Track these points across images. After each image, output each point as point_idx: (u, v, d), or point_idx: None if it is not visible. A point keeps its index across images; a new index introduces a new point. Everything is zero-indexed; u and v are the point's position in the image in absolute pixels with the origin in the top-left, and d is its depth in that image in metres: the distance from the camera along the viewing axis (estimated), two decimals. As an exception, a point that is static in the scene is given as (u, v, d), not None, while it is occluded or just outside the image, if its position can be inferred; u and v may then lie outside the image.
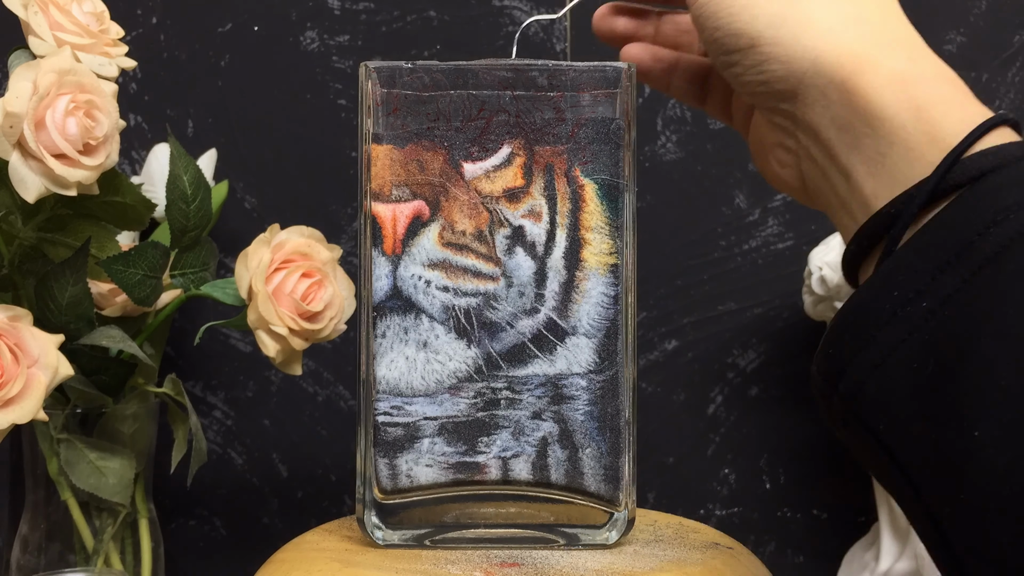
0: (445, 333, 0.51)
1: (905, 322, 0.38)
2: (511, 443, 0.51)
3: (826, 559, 0.79)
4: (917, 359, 0.38)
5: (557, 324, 0.51)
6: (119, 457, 0.63)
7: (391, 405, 0.51)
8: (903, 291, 0.38)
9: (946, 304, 0.37)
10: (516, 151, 0.51)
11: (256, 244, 0.61)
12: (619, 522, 0.51)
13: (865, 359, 0.39)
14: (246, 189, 0.80)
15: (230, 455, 0.81)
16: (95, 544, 0.64)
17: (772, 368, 0.79)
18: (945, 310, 0.37)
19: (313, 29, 0.80)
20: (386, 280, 0.51)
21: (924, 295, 0.38)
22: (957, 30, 0.78)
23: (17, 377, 0.55)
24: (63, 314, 0.60)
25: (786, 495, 0.80)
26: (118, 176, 0.61)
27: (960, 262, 0.37)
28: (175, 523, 0.81)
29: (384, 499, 0.51)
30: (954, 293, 0.37)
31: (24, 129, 0.55)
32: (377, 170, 0.51)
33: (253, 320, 0.60)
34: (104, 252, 0.61)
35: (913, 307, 0.38)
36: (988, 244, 0.37)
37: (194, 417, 0.65)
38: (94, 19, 0.60)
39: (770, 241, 0.79)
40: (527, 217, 0.51)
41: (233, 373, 0.81)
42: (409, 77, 0.51)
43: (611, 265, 0.51)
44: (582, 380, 0.51)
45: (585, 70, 0.51)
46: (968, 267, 0.37)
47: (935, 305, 0.37)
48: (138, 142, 0.80)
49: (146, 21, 0.80)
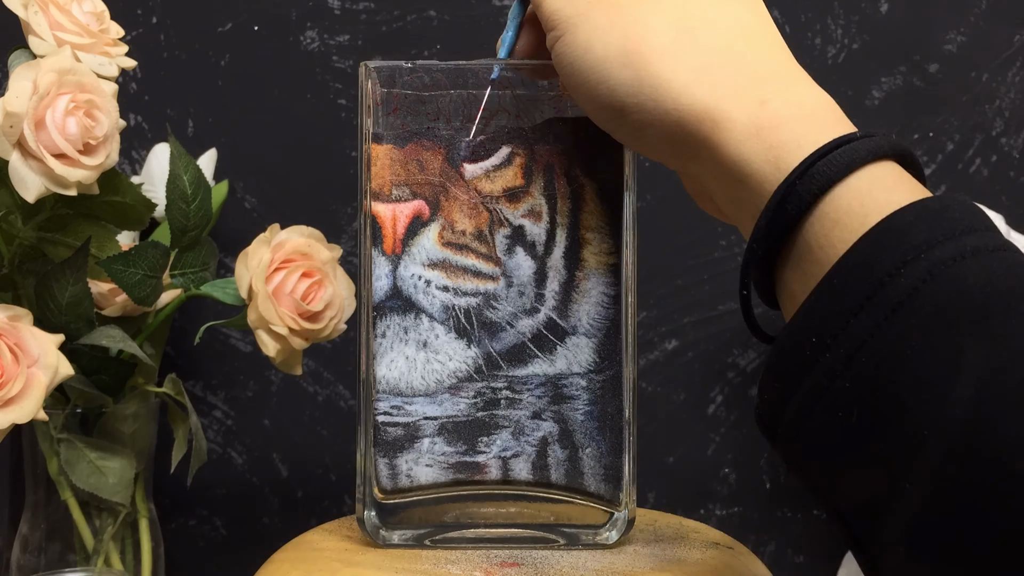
0: (445, 333, 0.51)
1: (826, 369, 0.37)
2: (511, 443, 0.51)
3: (826, 559, 0.79)
4: (841, 408, 0.36)
5: (557, 324, 0.51)
6: (119, 457, 0.63)
7: (391, 405, 0.51)
8: (820, 336, 0.37)
9: (861, 349, 0.36)
10: (516, 151, 0.51)
11: (256, 244, 0.61)
12: (619, 522, 0.51)
13: (794, 408, 0.38)
14: (246, 189, 0.80)
15: (230, 455, 0.81)
16: (95, 544, 0.64)
17: (772, 368, 0.79)
18: (862, 356, 0.36)
19: (313, 29, 0.80)
20: (386, 280, 0.51)
21: (840, 340, 0.36)
22: (957, 30, 0.78)
23: (17, 377, 0.55)
24: (63, 314, 0.60)
25: (786, 495, 0.80)
26: (118, 176, 0.61)
27: (872, 304, 0.36)
28: (175, 523, 0.81)
29: (384, 499, 0.51)
30: (869, 338, 0.36)
31: (24, 129, 0.55)
32: (377, 170, 0.51)
33: (253, 320, 0.60)
34: (104, 252, 0.61)
35: (832, 353, 0.36)
36: (899, 285, 0.35)
37: (194, 417, 0.65)
38: (94, 19, 0.60)
39: (770, 241, 0.79)
40: (527, 217, 0.51)
41: (233, 373, 0.81)
42: (409, 77, 0.51)
43: (611, 265, 0.51)
44: (582, 380, 0.51)
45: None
46: (880, 310, 0.36)
47: (851, 351, 0.36)
48: (138, 142, 0.80)
49: (146, 21, 0.80)
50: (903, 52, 0.79)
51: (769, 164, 0.40)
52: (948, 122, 0.79)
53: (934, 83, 0.79)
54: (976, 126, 0.79)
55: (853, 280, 0.37)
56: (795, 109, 0.41)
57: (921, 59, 0.79)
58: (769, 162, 0.40)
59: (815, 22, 0.79)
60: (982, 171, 0.79)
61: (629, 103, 0.43)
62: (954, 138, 0.79)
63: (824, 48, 0.79)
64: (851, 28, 0.79)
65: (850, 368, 0.36)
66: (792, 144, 0.40)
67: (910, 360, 0.35)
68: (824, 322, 0.37)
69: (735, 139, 0.41)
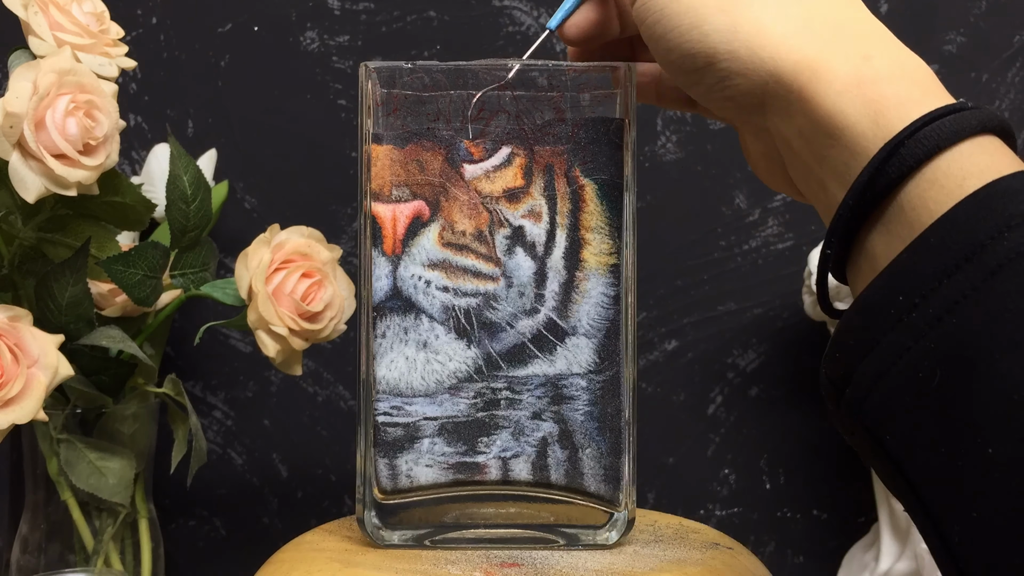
0: (445, 333, 0.51)
1: (910, 328, 0.36)
2: (511, 443, 0.51)
3: (826, 559, 0.79)
4: (923, 368, 0.35)
5: (557, 324, 0.51)
6: (119, 457, 0.63)
7: (391, 405, 0.51)
8: (908, 295, 0.36)
9: (953, 310, 0.35)
10: (516, 151, 0.51)
11: (256, 244, 0.61)
12: (619, 522, 0.51)
13: (869, 367, 0.37)
14: (246, 189, 0.80)
15: (230, 455, 0.81)
16: (95, 544, 0.64)
17: (772, 368, 0.79)
18: (953, 317, 0.35)
19: (313, 29, 0.80)
20: (386, 280, 0.51)
21: (930, 300, 0.35)
22: (957, 30, 0.78)
23: (17, 377, 0.55)
24: (63, 314, 0.60)
25: (786, 495, 0.80)
26: (118, 176, 0.61)
27: (969, 266, 0.35)
28: (175, 523, 0.81)
29: (384, 499, 0.51)
30: (962, 299, 0.35)
31: (24, 129, 0.55)
32: (377, 170, 0.51)
33: (253, 320, 0.60)
34: (104, 252, 0.61)
35: (918, 312, 0.36)
36: (1001, 248, 0.35)
37: (194, 417, 0.65)
38: (94, 19, 0.60)
39: (770, 241, 0.79)
40: (527, 217, 0.51)
41: (233, 373, 0.81)
42: (409, 77, 0.51)
43: (611, 265, 0.51)
44: (582, 380, 0.51)
45: (585, 70, 0.51)
46: (979, 272, 0.35)
47: (941, 311, 0.35)
48: (138, 142, 0.80)
49: (146, 21, 0.80)
50: (903, 52, 0.79)
51: (868, 119, 0.39)
52: (948, 122, 0.79)
53: (934, 83, 0.79)
54: (976, 126, 0.79)
55: (952, 240, 0.36)
56: (898, 69, 0.40)
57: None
58: (868, 116, 0.39)
59: (815, 22, 0.79)
60: (982, 171, 0.79)
61: (722, 49, 0.42)
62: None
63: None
64: (851, 28, 0.79)
65: (937, 328, 0.35)
66: (893, 100, 0.39)
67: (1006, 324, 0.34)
68: (915, 280, 0.36)
69: (834, 91, 0.40)
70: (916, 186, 0.38)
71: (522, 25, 0.79)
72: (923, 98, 0.39)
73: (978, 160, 0.37)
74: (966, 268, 0.35)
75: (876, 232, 0.39)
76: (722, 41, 0.42)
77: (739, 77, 0.42)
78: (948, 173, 0.37)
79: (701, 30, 0.43)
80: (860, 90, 0.39)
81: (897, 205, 0.38)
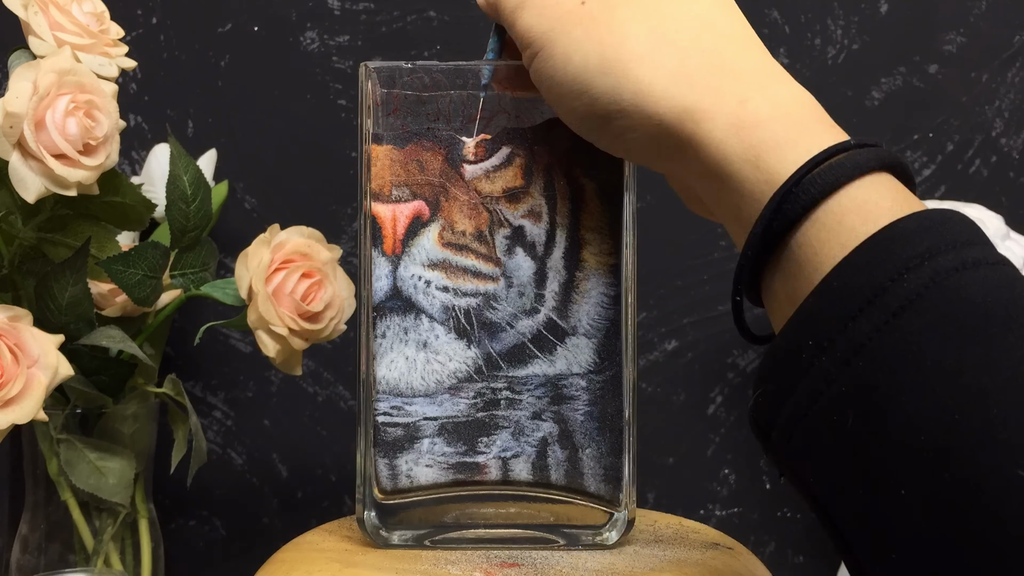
0: (445, 333, 0.51)
1: (822, 372, 0.36)
2: (511, 443, 0.51)
3: (826, 559, 0.79)
4: (836, 412, 0.36)
5: (557, 324, 0.51)
6: (119, 457, 0.63)
7: (391, 405, 0.51)
8: (817, 339, 0.37)
9: (860, 352, 0.36)
10: (516, 151, 0.51)
11: (256, 244, 0.61)
12: (619, 522, 0.51)
13: (789, 411, 0.38)
14: (246, 189, 0.80)
15: (230, 455, 0.81)
16: (95, 544, 0.64)
17: (772, 368, 0.79)
18: (859, 360, 0.36)
19: (313, 29, 0.80)
20: (386, 280, 0.51)
21: (837, 343, 0.36)
22: (957, 30, 0.78)
23: (17, 377, 0.55)
24: (63, 314, 0.60)
25: (786, 495, 0.80)
26: (118, 176, 0.61)
27: (872, 308, 0.36)
28: (175, 523, 0.81)
29: (384, 499, 0.51)
30: (867, 342, 0.35)
31: (24, 129, 0.55)
32: (377, 170, 0.51)
33: (253, 320, 0.60)
34: (104, 252, 0.61)
35: (828, 356, 0.36)
36: (901, 290, 0.35)
37: (194, 417, 0.65)
38: (94, 19, 0.60)
39: (770, 241, 0.79)
40: (527, 217, 0.51)
41: (233, 373, 0.81)
42: (409, 77, 0.51)
43: (611, 265, 0.51)
44: (582, 380, 0.51)
45: None
46: (881, 314, 0.35)
47: (848, 354, 0.36)
48: (138, 142, 0.80)
49: (146, 21, 0.80)
50: (903, 53, 0.79)
51: (749, 164, 0.40)
52: (948, 122, 0.79)
53: (934, 83, 0.79)
54: (976, 126, 0.79)
55: (854, 284, 0.36)
56: (774, 108, 0.41)
57: (921, 59, 0.79)
58: (749, 162, 0.40)
59: (815, 22, 0.79)
60: (982, 171, 0.79)
61: (612, 110, 0.44)
62: (954, 138, 0.79)
63: (824, 49, 0.79)
64: (851, 29, 0.79)
65: (847, 372, 0.36)
66: (771, 143, 0.40)
67: (910, 365, 0.35)
68: (821, 325, 0.37)
69: (716, 138, 0.41)
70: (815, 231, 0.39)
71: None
72: (800, 138, 0.40)
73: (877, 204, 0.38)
74: (868, 311, 0.36)
75: (780, 276, 0.40)
76: (610, 103, 0.44)
77: (632, 132, 0.44)
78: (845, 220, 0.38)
79: (589, 94, 0.44)
80: (739, 136, 0.40)
81: (797, 250, 0.39)
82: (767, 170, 0.40)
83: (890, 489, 0.35)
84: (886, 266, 0.36)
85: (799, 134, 0.40)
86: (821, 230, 0.38)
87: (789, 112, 0.41)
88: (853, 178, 0.38)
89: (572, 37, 0.44)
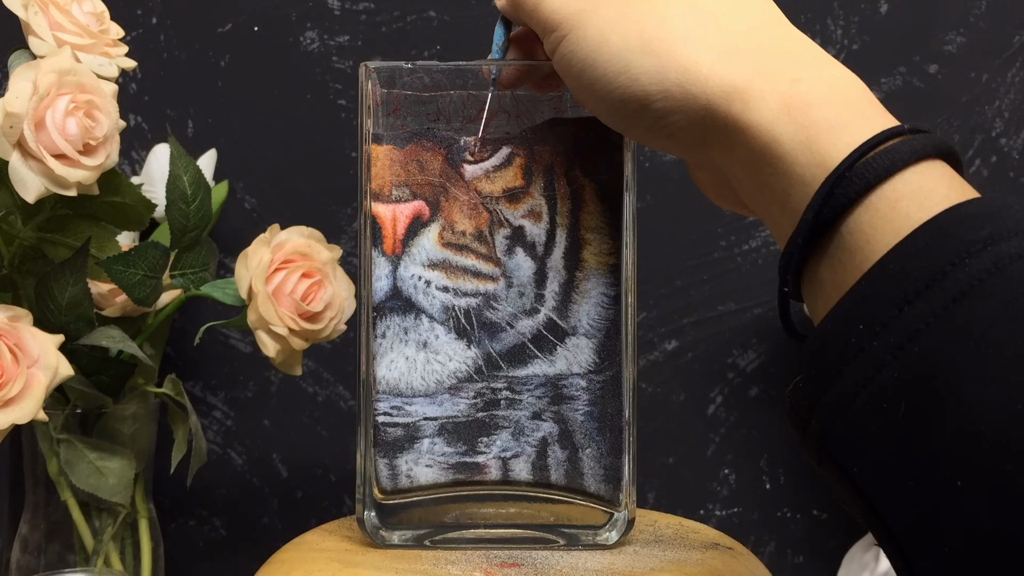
0: (445, 333, 0.51)
1: (872, 357, 0.35)
2: (511, 443, 0.51)
3: (826, 559, 0.79)
4: (887, 399, 0.35)
5: (557, 324, 0.51)
6: (119, 457, 0.63)
7: (391, 405, 0.51)
8: (868, 324, 0.35)
9: (915, 338, 0.34)
10: (516, 151, 0.51)
11: (256, 244, 0.61)
12: (619, 522, 0.51)
13: (832, 397, 0.36)
14: (246, 189, 0.80)
15: (230, 455, 0.81)
16: (95, 544, 0.64)
17: (772, 368, 0.79)
18: (915, 345, 0.34)
19: (313, 29, 0.80)
20: (386, 280, 0.51)
21: (891, 328, 0.35)
22: (957, 30, 0.78)
23: (17, 377, 0.55)
24: (63, 314, 0.60)
25: (786, 495, 0.80)
26: (118, 176, 0.61)
27: (930, 293, 0.34)
28: (175, 523, 0.81)
29: (384, 499, 0.51)
30: (924, 327, 0.34)
31: (24, 129, 0.55)
32: (377, 170, 0.51)
33: (253, 320, 0.60)
34: (104, 252, 0.61)
35: (880, 341, 0.35)
36: (963, 275, 0.34)
37: (194, 417, 0.65)
38: (94, 19, 0.60)
39: (770, 241, 0.79)
40: (527, 217, 0.51)
41: (233, 373, 0.81)
42: (409, 77, 0.51)
43: (611, 265, 0.51)
44: (582, 380, 0.51)
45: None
46: (940, 299, 0.34)
47: (903, 339, 0.34)
48: (138, 142, 0.80)
49: (146, 21, 0.80)
50: (903, 52, 0.79)
51: (801, 146, 0.39)
52: (948, 122, 0.79)
53: (934, 83, 0.79)
54: (976, 126, 0.79)
55: (911, 268, 0.35)
56: (827, 89, 0.40)
57: (921, 59, 0.79)
58: (801, 143, 0.39)
59: (815, 22, 0.79)
60: (982, 171, 0.79)
61: (653, 90, 0.42)
62: (954, 138, 0.79)
63: (824, 49, 0.79)
64: (851, 29, 0.79)
65: (900, 357, 0.35)
66: (824, 125, 0.39)
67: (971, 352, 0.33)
68: (874, 309, 0.36)
69: (766, 119, 0.39)
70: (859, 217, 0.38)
71: (522, 25, 0.79)
72: (853, 120, 0.39)
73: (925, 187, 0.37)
74: (926, 296, 0.35)
75: (821, 264, 0.39)
76: (652, 83, 0.42)
77: (675, 115, 0.42)
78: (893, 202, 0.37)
79: (629, 75, 0.42)
80: (791, 116, 0.39)
81: (848, 235, 0.38)
82: (819, 153, 0.38)
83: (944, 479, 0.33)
84: (946, 251, 0.35)
85: (852, 116, 0.39)
86: (874, 216, 0.37)
87: (841, 93, 0.40)
88: (908, 164, 0.37)
89: (606, 17, 0.43)
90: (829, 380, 0.37)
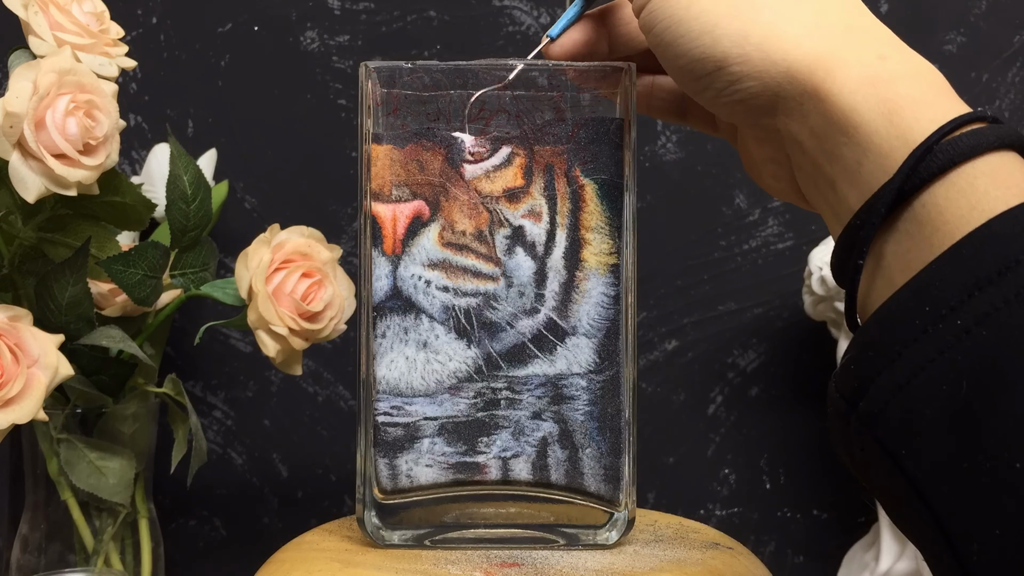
0: (445, 333, 0.51)
1: (936, 340, 0.35)
2: (511, 443, 0.51)
3: (826, 559, 0.79)
4: (947, 381, 0.35)
5: (557, 324, 0.51)
6: (119, 457, 0.63)
7: (391, 405, 0.51)
8: (936, 306, 0.35)
9: (984, 323, 0.34)
10: (516, 151, 0.51)
11: (256, 244, 0.61)
12: (619, 522, 0.51)
13: (889, 378, 0.36)
14: (246, 189, 0.80)
15: (230, 455, 0.81)
16: (95, 544, 0.64)
17: (772, 368, 0.79)
18: (983, 330, 0.34)
19: (313, 29, 0.80)
20: (386, 280, 0.51)
21: (959, 312, 0.35)
22: (957, 30, 0.78)
23: (17, 377, 0.55)
24: (63, 314, 0.60)
25: (786, 495, 0.80)
26: (118, 176, 0.61)
27: (1003, 280, 0.34)
28: (175, 523, 0.81)
29: (384, 499, 0.51)
30: (993, 312, 0.34)
31: (24, 129, 0.55)
32: (377, 170, 0.51)
33: (253, 320, 0.60)
34: (104, 252, 0.61)
35: (946, 324, 0.35)
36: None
37: (194, 417, 0.65)
38: (94, 19, 0.60)
39: (770, 241, 0.79)
40: (527, 217, 0.51)
41: (233, 373, 0.81)
42: (409, 77, 0.51)
43: (611, 265, 0.51)
44: (582, 380, 0.51)
45: (585, 70, 0.51)
46: (1012, 286, 0.34)
47: (970, 324, 0.34)
48: (138, 142, 0.80)
49: (146, 21, 0.80)
50: (903, 52, 0.79)
51: (882, 117, 0.39)
52: (948, 122, 0.79)
53: (934, 83, 0.79)
54: (976, 126, 0.79)
55: (986, 253, 0.35)
56: (912, 69, 0.40)
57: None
58: (882, 115, 0.39)
59: (815, 22, 0.79)
60: (982, 171, 0.79)
61: (733, 53, 0.42)
62: (954, 138, 0.79)
63: (824, 48, 0.79)
64: (851, 28, 0.79)
65: (966, 341, 0.35)
66: (908, 100, 0.39)
67: None
68: (944, 292, 0.35)
69: (848, 89, 0.40)
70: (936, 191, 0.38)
71: (522, 25, 0.79)
72: (936, 99, 0.39)
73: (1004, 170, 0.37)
74: (999, 282, 0.35)
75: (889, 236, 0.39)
76: (733, 45, 0.42)
77: (750, 80, 0.43)
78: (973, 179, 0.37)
79: (712, 35, 0.43)
80: (874, 88, 0.39)
81: (912, 209, 0.38)
82: (900, 126, 0.38)
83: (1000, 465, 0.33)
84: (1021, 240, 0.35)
85: (936, 96, 0.39)
86: (951, 189, 0.37)
87: (924, 75, 0.40)
88: (992, 149, 0.38)
89: None
90: (885, 362, 0.36)
